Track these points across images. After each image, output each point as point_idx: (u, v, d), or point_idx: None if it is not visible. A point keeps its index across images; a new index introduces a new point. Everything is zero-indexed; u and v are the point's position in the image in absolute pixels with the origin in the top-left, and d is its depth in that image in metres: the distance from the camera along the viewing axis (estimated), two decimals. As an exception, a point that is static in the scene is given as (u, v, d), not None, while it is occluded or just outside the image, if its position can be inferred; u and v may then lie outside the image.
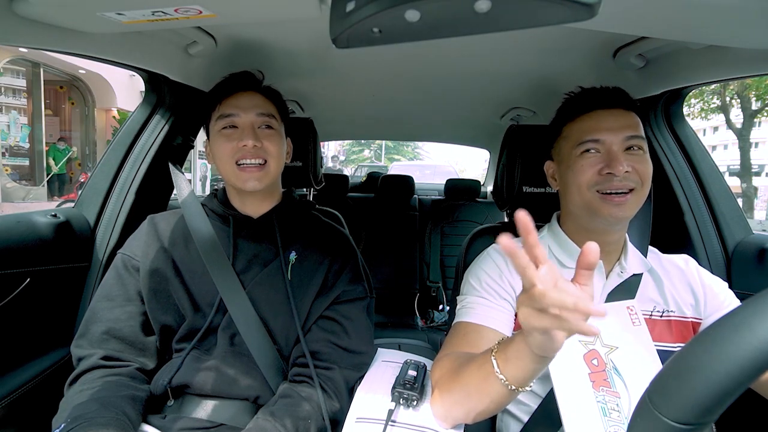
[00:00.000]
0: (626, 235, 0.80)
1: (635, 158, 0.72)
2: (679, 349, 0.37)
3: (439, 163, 12.55)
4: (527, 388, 0.55)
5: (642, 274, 0.78)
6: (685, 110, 1.11)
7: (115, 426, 0.64)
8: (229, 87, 0.84)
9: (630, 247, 0.80)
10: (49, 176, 8.49)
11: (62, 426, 0.63)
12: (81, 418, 0.64)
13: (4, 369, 0.85)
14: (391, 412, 0.67)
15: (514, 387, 0.54)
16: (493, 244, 0.85)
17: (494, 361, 0.55)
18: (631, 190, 0.71)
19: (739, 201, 1.75)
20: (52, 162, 8.65)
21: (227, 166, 0.81)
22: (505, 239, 0.44)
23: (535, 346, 0.50)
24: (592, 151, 0.73)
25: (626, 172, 0.70)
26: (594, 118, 0.75)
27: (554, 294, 0.44)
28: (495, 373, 0.55)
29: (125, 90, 9.52)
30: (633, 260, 0.78)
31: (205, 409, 0.75)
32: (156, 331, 0.80)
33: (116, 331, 0.77)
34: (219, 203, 0.87)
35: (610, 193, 0.71)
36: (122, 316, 0.78)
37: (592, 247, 0.46)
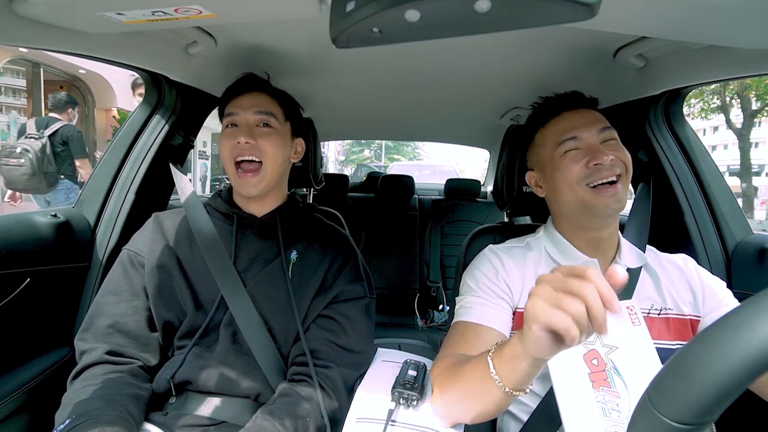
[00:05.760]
0: (618, 232, 0.81)
1: (614, 148, 0.75)
2: (677, 347, 0.37)
3: (439, 163, 12.48)
4: (524, 392, 0.54)
5: (639, 269, 0.78)
6: (685, 110, 1.11)
7: (119, 424, 0.64)
8: (235, 88, 0.89)
9: (623, 242, 0.81)
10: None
11: (67, 422, 0.63)
12: (86, 415, 0.64)
13: (3, 369, 0.85)
14: (391, 412, 0.67)
15: (508, 389, 0.53)
16: (490, 245, 0.86)
17: (490, 362, 0.55)
18: (618, 176, 0.73)
19: (739, 201, 1.75)
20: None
21: (229, 167, 0.84)
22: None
23: (531, 344, 0.48)
24: (573, 149, 0.76)
25: (611, 159, 0.73)
26: (564, 118, 0.79)
27: (575, 282, 0.43)
28: (490, 375, 0.54)
29: (125, 90, 9.48)
30: (628, 255, 0.80)
31: (207, 407, 0.75)
32: (158, 327, 0.80)
33: (122, 325, 0.78)
34: (223, 202, 0.89)
35: (602, 184, 0.73)
36: (128, 311, 0.79)
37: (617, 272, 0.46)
